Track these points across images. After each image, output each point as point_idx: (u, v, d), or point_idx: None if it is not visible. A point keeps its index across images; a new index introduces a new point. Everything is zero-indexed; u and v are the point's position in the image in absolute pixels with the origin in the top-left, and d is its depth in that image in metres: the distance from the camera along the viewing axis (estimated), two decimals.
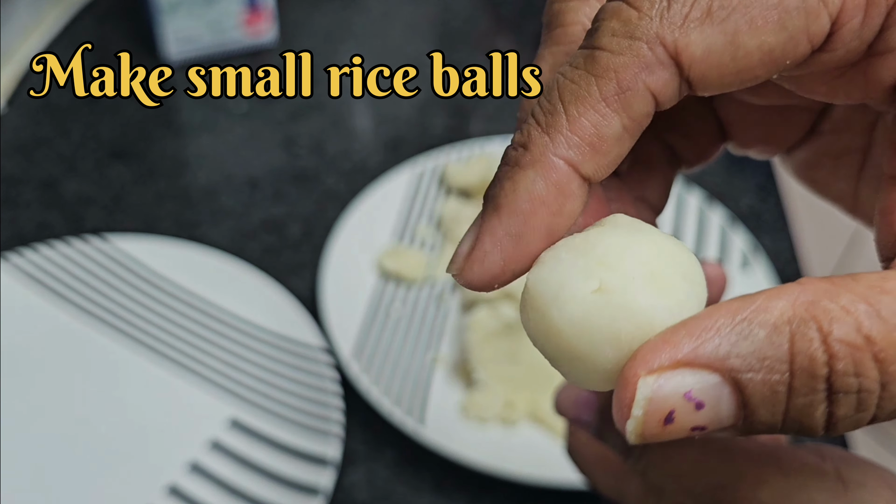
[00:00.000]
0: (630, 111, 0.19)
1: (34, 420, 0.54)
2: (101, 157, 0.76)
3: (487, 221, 0.20)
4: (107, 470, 0.51)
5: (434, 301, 0.63)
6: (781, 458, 0.27)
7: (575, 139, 0.19)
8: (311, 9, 0.98)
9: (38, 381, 0.55)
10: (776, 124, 0.27)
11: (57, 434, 0.53)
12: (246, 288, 0.60)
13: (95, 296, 0.60)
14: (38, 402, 0.54)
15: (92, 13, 0.95)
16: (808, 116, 0.27)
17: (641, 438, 0.18)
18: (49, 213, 0.69)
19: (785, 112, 0.27)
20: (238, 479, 0.51)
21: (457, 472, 0.53)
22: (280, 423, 0.54)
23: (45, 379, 0.56)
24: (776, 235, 0.72)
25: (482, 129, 0.81)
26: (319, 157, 0.77)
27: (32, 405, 0.54)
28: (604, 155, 0.19)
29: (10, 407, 0.54)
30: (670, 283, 0.19)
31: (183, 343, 0.58)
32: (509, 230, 0.19)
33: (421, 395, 0.56)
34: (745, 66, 0.19)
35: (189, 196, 0.72)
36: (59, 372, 0.56)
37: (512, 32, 0.97)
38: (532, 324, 0.20)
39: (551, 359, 0.20)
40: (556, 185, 0.19)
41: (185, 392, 0.56)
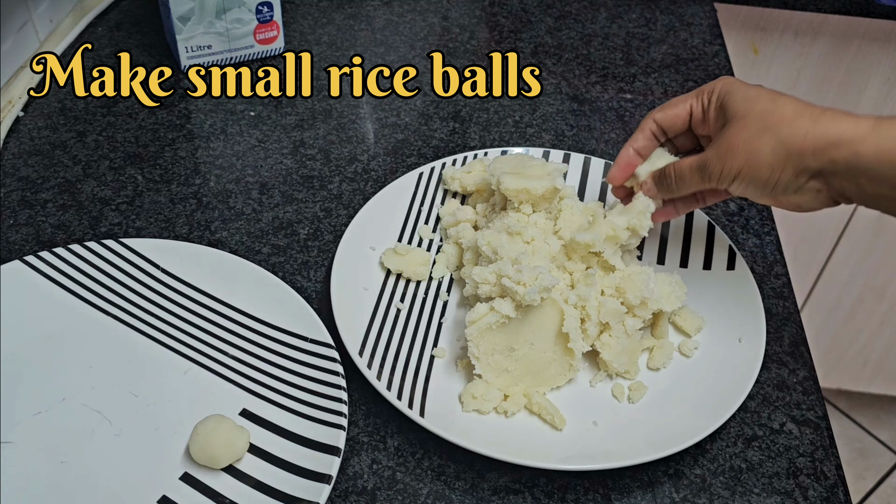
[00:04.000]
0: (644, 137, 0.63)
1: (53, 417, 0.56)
2: (117, 161, 0.78)
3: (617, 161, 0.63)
4: (126, 458, 0.54)
5: (435, 297, 0.66)
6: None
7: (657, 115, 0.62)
8: (318, 19, 1.00)
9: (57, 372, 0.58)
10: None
11: (76, 425, 0.55)
12: (256, 287, 0.63)
13: (111, 295, 0.63)
14: (57, 394, 0.57)
15: (105, 22, 0.97)
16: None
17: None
18: (66, 215, 0.72)
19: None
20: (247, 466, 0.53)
21: (457, 462, 0.55)
22: (288, 413, 0.56)
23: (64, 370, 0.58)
24: (763, 237, 0.74)
25: (480, 135, 0.84)
26: (326, 162, 0.79)
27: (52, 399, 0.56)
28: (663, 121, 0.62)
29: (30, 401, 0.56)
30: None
31: (195, 340, 0.61)
32: (618, 162, 0.63)
33: (422, 388, 0.58)
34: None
35: (201, 199, 0.74)
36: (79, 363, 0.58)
37: (510, 43, 0.99)
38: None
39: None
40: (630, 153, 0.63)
41: (198, 385, 0.58)
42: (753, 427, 0.58)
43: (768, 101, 0.53)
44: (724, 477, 0.55)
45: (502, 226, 0.63)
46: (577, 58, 0.96)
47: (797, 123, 0.51)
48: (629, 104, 0.89)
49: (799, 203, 0.54)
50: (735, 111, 0.55)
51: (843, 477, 0.56)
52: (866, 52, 1.17)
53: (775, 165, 0.52)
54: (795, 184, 0.53)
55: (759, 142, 0.53)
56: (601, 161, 0.76)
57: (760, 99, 0.54)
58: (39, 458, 0.53)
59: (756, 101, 0.54)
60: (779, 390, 0.61)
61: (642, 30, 1.02)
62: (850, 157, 0.50)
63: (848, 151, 0.50)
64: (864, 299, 1.44)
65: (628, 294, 0.59)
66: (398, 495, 0.53)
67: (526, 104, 0.88)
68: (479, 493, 0.54)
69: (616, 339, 0.59)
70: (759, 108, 0.53)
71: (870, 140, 0.49)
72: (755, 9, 1.13)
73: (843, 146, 0.50)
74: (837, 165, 0.50)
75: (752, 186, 0.54)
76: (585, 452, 0.54)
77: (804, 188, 0.53)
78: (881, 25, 1.14)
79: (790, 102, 0.53)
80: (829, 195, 0.53)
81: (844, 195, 0.52)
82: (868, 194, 0.50)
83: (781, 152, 0.52)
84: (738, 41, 1.17)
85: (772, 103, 0.53)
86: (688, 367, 0.61)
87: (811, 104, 0.53)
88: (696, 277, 0.66)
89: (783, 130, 0.52)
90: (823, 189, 0.52)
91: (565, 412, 0.57)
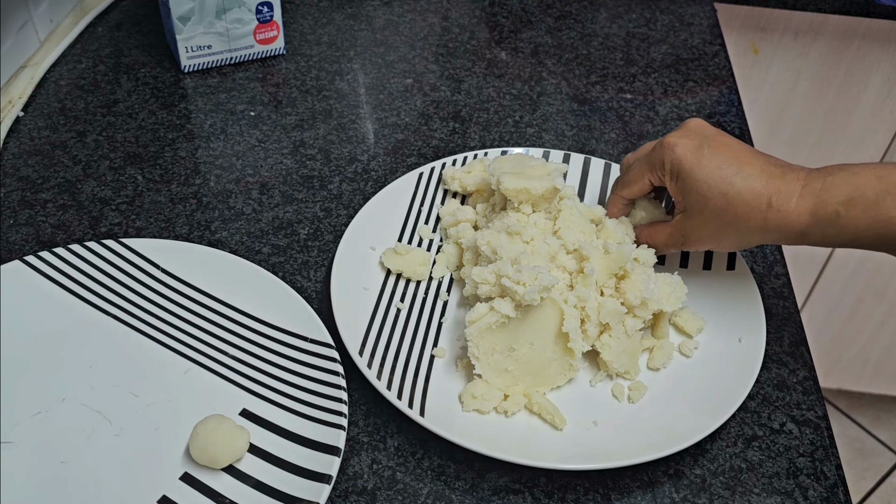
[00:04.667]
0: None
1: (53, 417, 0.56)
2: (117, 161, 0.78)
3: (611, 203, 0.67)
4: (126, 458, 0.54)
5: (435, 297, 0.66)
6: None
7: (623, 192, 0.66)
8: (318, 19, 1.00)
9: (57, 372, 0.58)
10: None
11: (76, 425, 0.55)
12: (256, 287, 0.63)
13: (111, 295, 0.63)
14: (57, 394, 0.57)
15: (106, 23, 0.97)
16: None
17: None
18: (66, 215, 0.72)
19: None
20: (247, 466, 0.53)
21: (457, 462, 0.56)
22: (288, 413, 0.56)
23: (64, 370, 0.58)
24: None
25: (480, 135, 0.84)
26: (326, 162, 0.79)
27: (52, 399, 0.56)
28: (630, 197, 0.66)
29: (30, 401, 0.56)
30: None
31: (195, 340, 0.61)
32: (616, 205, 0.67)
33: (422, 387, 0.58)
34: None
35: (201, 199, 0.74)
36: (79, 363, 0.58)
37: (510, 43, 0.99)
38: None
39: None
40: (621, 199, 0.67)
41: (198, 385, 0.58)
42: (753, 427, 0.58)
43: (720, 198, 0.57)
44: (724, 477, 0.55)
45: (502, 226, 0.63)
46: (577, 58, 0.96)
47: (752, 221, 0.57)
48: (629, 104, 0.89)
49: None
50: (692, 204, 0.59)
51: (843, 477, 0.56)
52: (866, 52, 1.17)
53: (743, 243, 0.60)
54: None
55: (722, 235, 0.59)
56: (601, 161, 0.76)
57: (712, 196, 0.58)
58: (39, 458, 0.53)
59: (708, 199, 0.58)
60: (779, 390, 0.61)
61: (642, 30, 1.02)
62: (802, 242, 0.57)
63: (800, 240, 0.57)
64: (864, 299, 1.44)
65: (628, 294, 0.60)
66: (398, 495, 0.53)
67: (526, 104, 0.88)
68: (479, 493, 0.54)
69: (616, 340, 0.59)
70: (712, 205, 0.58)
71: (814, 231, 0.55)
72: (755, 9, 1.13)
73: (792, 237, 0.57)
74: (794, 243, 0.58)
75: (723, 249, 0.62)
76: (585, 452, 0.54)
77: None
78: (881, 25, 1.14)
79: (740, 196, 0.57)
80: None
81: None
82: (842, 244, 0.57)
83: (746, 238, 0.59)
84: (738, 41, 1.17)
85: (723, 200, 0.57)
86: (688, 368, 0.61)
87: (765, 176, 0.56)
88: (696, 277, 0.66)
89: (741, 227, 0.58)
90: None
91: (565, 412, 0.57)
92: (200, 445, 0.52)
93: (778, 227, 0.56)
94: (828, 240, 0.56)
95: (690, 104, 0.90)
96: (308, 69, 0.91)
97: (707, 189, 0.58)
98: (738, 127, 0.87)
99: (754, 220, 0.57)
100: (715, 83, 0.94)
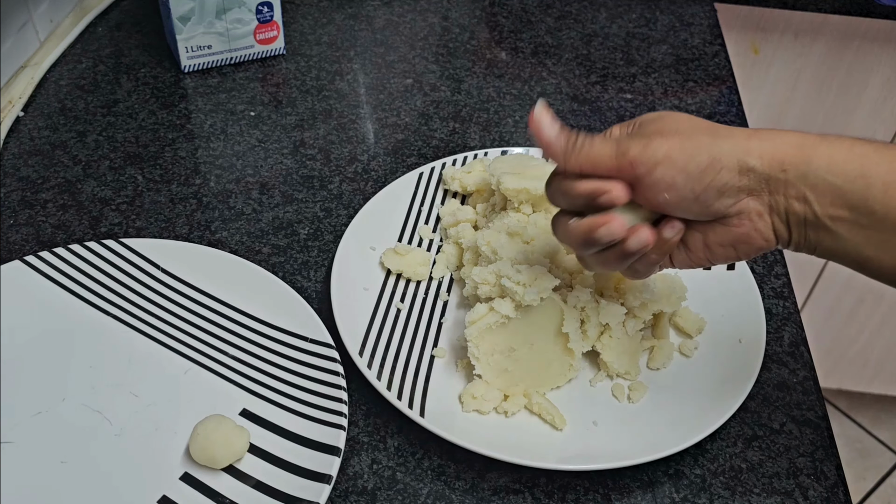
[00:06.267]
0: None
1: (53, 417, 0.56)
2: (117, 161, 0.78)
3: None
4: (126, 458, 0.54)
5: (435, 297, 0.66)
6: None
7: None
8: (318, 19, 1.00)
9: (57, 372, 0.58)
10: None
11: (76, 425, 0.55)
12: (256, 287, 0.63)
13: (111, 295, 0.63)
14: (57, 394, 0.57)
15: (106, 23, 0.97)
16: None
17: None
18: (66, 215, 0.72)
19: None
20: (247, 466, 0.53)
21: (457, 462, 0.55)
22: (288, 413, 0.56)
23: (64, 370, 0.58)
24: None
25: (480, 135, 0.84)
26: (326, 162, 0.79)
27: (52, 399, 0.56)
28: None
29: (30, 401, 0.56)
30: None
31: (195, 340, 0.61)
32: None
33: (422, 388, 0.58)
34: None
35: (201, 199, 0.74)
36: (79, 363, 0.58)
37: (510, 43, 0.99)
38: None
39: None
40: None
41: (198, 385, 0.58)
42: (753, 427, 0.58)
43: (699, 120, 0.47)
44: (724, 477, 0.55)
45: (502, 226, 0.63)
46: (577, 58, 0.96)
47: (736, 135, 0.45)
48: (629, 104, 0.89)
49: (732, 229, 0.47)
50: (659, 127, 0.47)
51: (843, 477, 0.56)
52: (866, 52, 1.17)
53: (715, 157, 0.44)
54: (734, 188, 0.45)
55: (695, 136, 0.45)
56: None
57: (682, 119, 0.47)
58: (39, 458, 0.53)
59: (680, 121, 0.47)
60: (779, 390, 0.61)
61: (642, 30, 1.02)
62: (801, 163, 0.44)
63: (799, 156, 0.44)
64: (864, 299, 1.44)
65: (628, 295, 0.60)
66: (398, 495, 0.53)
67: (526, 104, 0.88)
68: (479, 493, 0.54)
69: (616, 341, 0.59)
70: (687, 124, 0.46)
71: (821, 147, 0.44)
72: (755, 9, 1.13)
73: (793, 150, 0.44)
74: (788, 173, 0.44)
75: (682, 178, 0.45)
76: (585, 452, 0.54)
77: (742, 206, 0.45)
78: (881, 25, 1.14)
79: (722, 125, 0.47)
80: (771, 222, 0.46)
81: (790, 220, 0.45)
82: (819, 217, 0.44)
83: (723, 148, 0.44)
84: (738, 41, 1.17)
85: (702, 121, 0.47)
86: (688, 368, 0.61)
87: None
88: (696, 278, 0.66)
89: (721, 133, 0.45)
90: (765, 214, 0.46)
91: (565, 412, 0.57)
92: (200, 445, 0.52)
93: (774, 143, 0.44)
94: (835, 169, 0.43)
95: (690, 104, 0.90)
96: (308, 69, 0.91)
97: (678, 117, 0.47)
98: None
99: (741, 135, 0.45)
100: (715, 83, 0.94)
